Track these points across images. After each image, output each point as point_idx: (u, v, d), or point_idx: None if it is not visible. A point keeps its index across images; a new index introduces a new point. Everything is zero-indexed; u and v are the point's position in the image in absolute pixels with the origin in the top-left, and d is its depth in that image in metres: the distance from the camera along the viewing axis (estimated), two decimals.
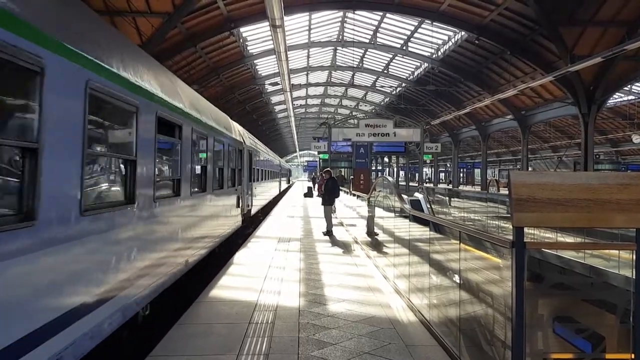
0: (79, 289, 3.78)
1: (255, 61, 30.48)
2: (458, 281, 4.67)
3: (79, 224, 3.73)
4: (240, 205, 12.42)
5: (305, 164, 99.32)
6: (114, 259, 4.45)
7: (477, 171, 57.26)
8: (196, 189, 7.52)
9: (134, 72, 4.88)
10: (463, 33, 25.34)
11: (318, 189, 25.88)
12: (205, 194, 8.15)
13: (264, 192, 21.21)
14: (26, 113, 3.17)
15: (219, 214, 9.63)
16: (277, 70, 22.61)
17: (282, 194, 37.81)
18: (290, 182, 67.25)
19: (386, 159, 61.02)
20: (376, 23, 28.64)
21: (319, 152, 36.27)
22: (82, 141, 3.69)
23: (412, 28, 27.88)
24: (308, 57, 34.68)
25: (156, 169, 5.48)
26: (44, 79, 3.14)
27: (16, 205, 3.05)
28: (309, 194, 33.69)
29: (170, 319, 6.02)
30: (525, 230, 3.05)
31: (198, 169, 7.76)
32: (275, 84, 30.22)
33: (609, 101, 28.06)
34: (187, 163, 6.79)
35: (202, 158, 8.09)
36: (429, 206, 20.47)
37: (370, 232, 12.77)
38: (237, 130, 12.49)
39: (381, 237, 11.76)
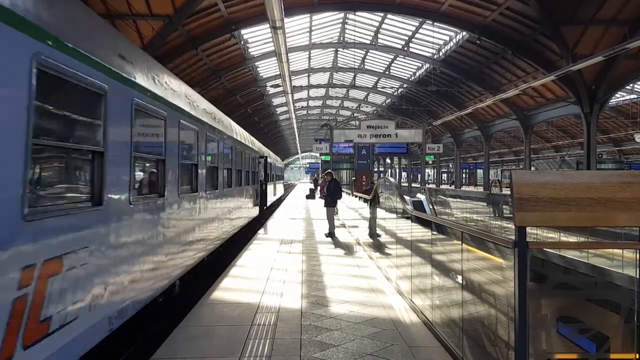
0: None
1: (256, 63, 30.49)
2: (460, 282, 4.64)
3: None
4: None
5: (308, 165, 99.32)
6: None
7: (480, 172, 57.20)
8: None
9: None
10: (464, 33, 25.30)
11: (320, 191, 25.88)
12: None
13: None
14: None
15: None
16: (279, 72, 22.60)
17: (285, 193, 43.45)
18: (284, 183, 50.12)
19: (388, 160, 61.07)
20: (377, 24, 28.63)
21: (321, 154, 36.26)
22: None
23: (413, 29, 27.86)
24: (309, 58, 34.68)
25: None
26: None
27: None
28: (311, 195, 33.70)
29: (172, 321, 6.02)
30: (528, 230, 3.03)
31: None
32: (277, 85, 30.22)
33: (611, 100, 27.97)
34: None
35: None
36: (431, 207, 20.43)
37: (373, 234, 12.75)
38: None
39: (383, 238, 11.75)
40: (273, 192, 27.30)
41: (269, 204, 22.69)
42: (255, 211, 16.42)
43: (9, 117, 2.92)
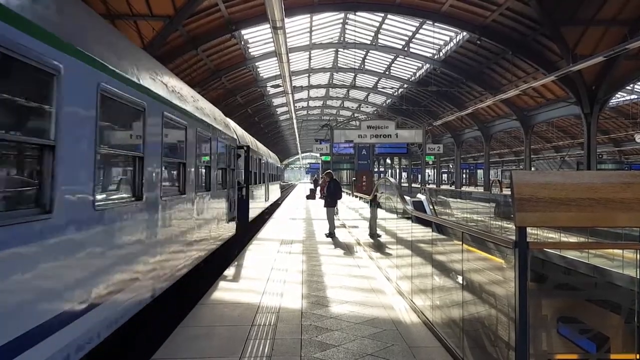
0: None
1: (256, 63, 30.51)
2: (461, 282, 4.64)
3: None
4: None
5: (308, 166, 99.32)
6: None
7: (480, 172, 57.19)
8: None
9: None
10: (465, 33, 25.31)
11: (320, 191, 25.88)
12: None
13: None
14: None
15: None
16: (279, 73, 22.61)
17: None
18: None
19: (388, 161, 61.02)
20: (377, 24, 28.64)
21: (321, 154, 36.23)
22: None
23: (414, 29, 27.87)
24: (310, 59, 34.69)
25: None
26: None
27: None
28: (311, 196, 33.70)
29: (173, 320, 6.02)
30: (528, 230, 3.02)
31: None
32: (277, 86, 30.22)
33: (612, 100, 27.97)
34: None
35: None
36: (431, 207, 20.42)
37: (373, 234, 12.74)
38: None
39: (384, 238, 11.74)
40: (265, 196, 20.80)
41: (255, 214, 16.28)
42: (227, 230, 10.55)
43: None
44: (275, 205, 27.33)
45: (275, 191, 28.37)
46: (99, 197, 4.16)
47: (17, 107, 3.22)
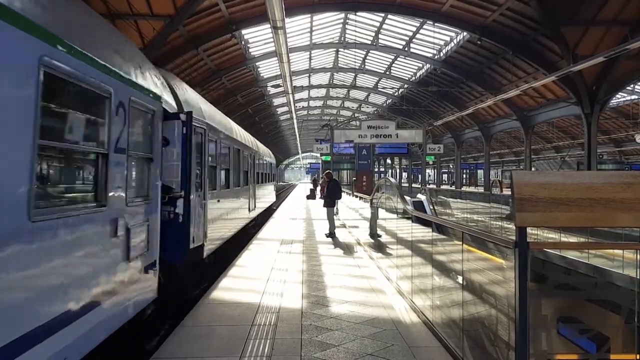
0: None
1: (257, 63, 30.48)
2: (461, 282, 4.64)
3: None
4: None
5: (308, 166, 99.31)
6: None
7: (480, 172, 57.18)
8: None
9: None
10: (465, 34, 25.29)
11: (321, 191, 25.89)
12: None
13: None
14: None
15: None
16: (279, 73, 22.60)
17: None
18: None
19: (388, 161, 61.04)
20: (378, 24, 28.63)
21: (322, 154, 36.25)
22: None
23: (414, 29, 27.85)
24: (310, 59, 34.67)
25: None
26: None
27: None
28: (311, 196, 33.70)
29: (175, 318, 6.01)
30: (528, 230, 3.02)
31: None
32: (278, 86, 30.21)
33: (612, 101, 27.95)
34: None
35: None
36: (431, 207, 20.43)
37: (373, 234, 12.74)
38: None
39: (384, 238, 11.75)
40: (249, 205, 14.71)
41: (223, 235, 10.14)
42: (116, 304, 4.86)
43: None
44: (268, 212, 21.75)
45: (266, 196, 20.95)
46: None
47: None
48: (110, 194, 4.35)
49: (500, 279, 4.07)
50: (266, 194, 20.93)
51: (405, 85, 38.56)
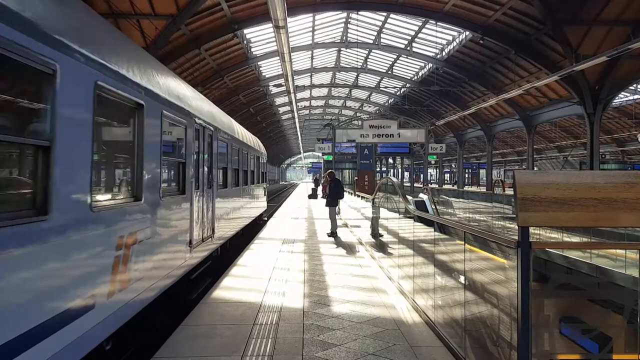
0: None
1: (259, 63, 30.51)
2: (463, 282, 4.64)
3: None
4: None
5: (310, 165, 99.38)
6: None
7: (483, 172, 57.12)
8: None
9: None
10: (467, 33, 25.27)
11: (323, 190, 25.90)
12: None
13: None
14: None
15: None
16: (281, 72, 22.61)
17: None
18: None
19: (390, 160, 61.04)
20: (380, 23, 28.62)
21: (323, 154, 36.24)
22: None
23: (416, 28, 27.84)
24: (312, 58, 34.69)
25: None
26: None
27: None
28: (313, 195, 33.70)
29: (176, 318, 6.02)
30: (531, 230, 3.02)
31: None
32: (279, 85, 30.24)
33: (615, 101, 27.88)
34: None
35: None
36: (433, 207, 20.40)
37: (375, 233, 12.73)
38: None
39: (386, 238, 11.73)
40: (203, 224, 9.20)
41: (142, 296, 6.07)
42: None
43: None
44: (257, 224, 16.50)
45: (255, 202, 15.79)
46: None
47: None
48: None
49: (502, 279, 4.06)
50: (251, 202, 14.91)
51: (408, 85, 38.54)
